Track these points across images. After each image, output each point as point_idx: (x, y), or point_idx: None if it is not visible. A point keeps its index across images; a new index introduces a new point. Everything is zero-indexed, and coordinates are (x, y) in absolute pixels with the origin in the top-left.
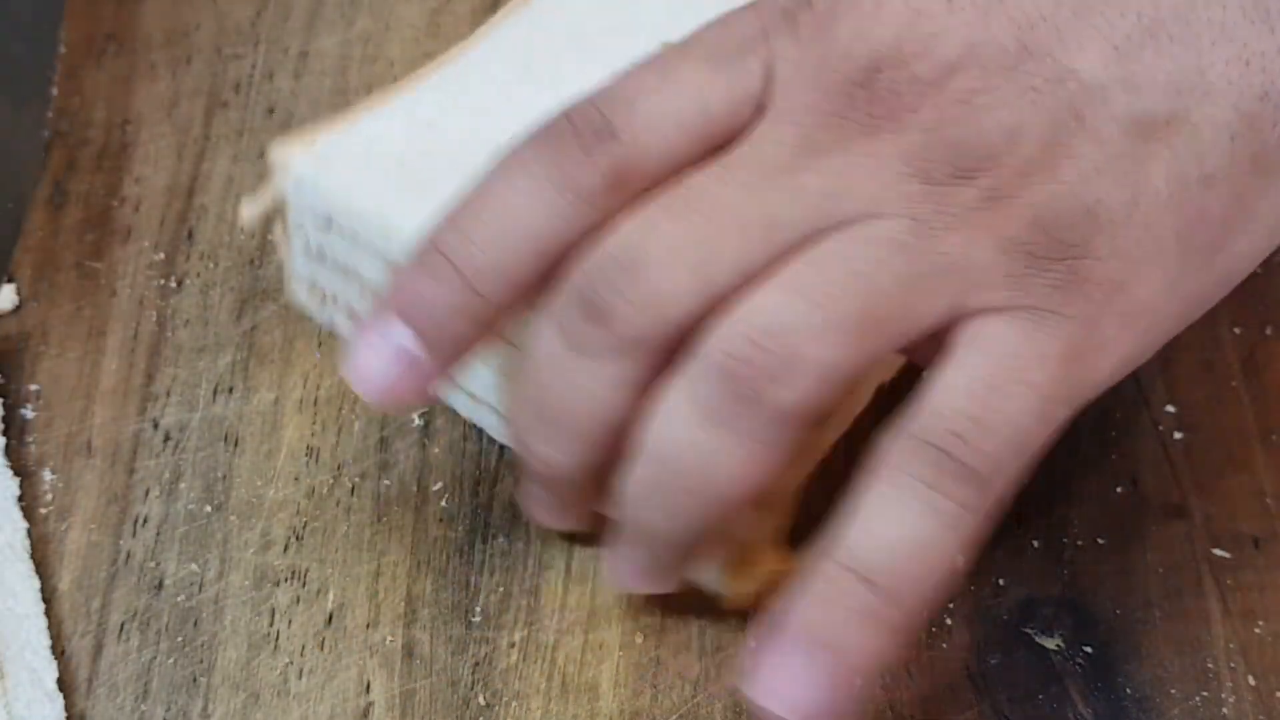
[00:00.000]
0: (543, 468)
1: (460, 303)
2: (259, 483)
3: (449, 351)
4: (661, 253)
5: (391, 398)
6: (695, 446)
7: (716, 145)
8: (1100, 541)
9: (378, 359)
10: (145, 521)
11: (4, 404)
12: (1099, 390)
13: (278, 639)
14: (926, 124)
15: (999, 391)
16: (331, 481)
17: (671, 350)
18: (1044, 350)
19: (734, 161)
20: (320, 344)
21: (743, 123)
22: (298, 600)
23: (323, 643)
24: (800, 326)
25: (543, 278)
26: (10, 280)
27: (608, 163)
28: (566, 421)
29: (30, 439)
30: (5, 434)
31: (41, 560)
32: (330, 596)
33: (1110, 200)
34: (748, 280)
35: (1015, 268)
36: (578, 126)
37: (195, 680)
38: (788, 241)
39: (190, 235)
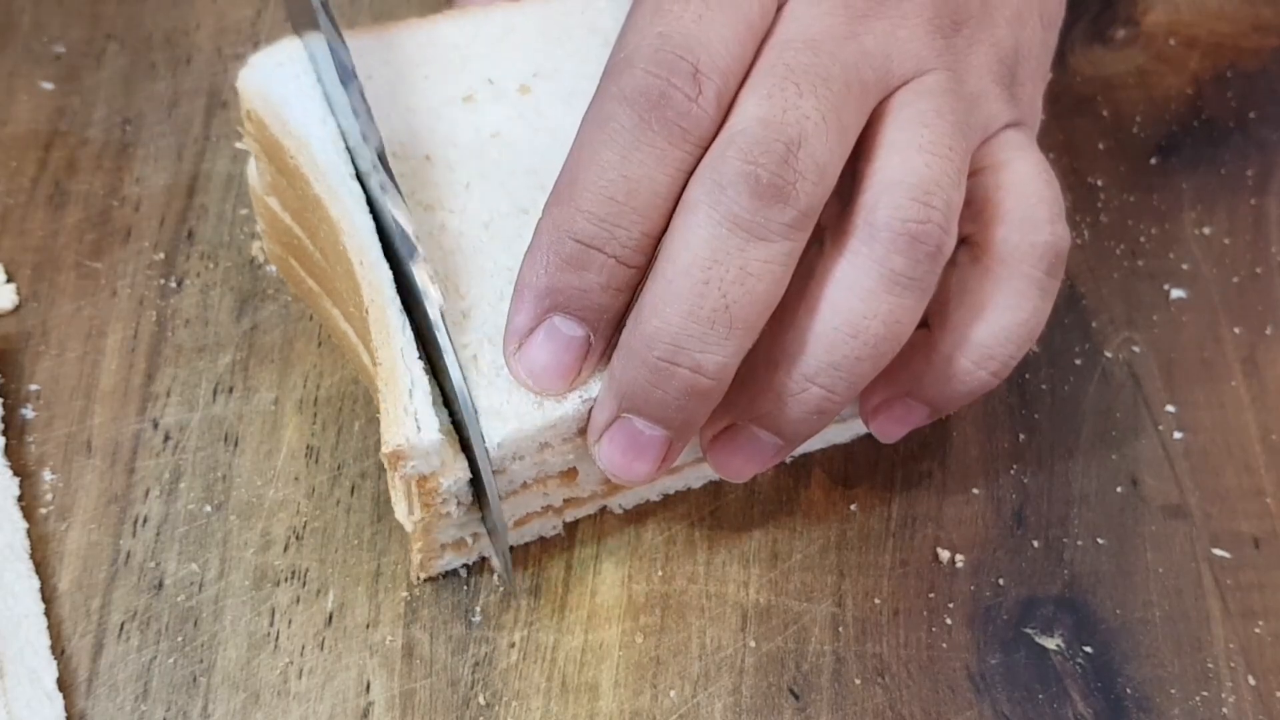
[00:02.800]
0: (689, 378)
1: (618, 281)
2: (259, 483)
3: (614, 325)
4: (811, 126)
5: (569, 386)
6: (881, 314)
7: (762, 38)
8: (1100, 541)
9: (553, 357)
10: (145, 521)
11: (4, 404)
12: None
13: (278, 639)
14: None
15: (1051, 180)
16: (331, 481)
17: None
18: (1035, 146)
19: (808, 40)
20: (320, 343)
21: (773, 10)
22: (298, 600)
23: (323, 643)
24: (945, 181)
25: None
26: (10, 280)
27: (711, 98)
28: (738, 312)
29: (30, 439)
30: (5, 434)
31: (41, 560)
32: (330, 596)
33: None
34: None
35: (1003, 87)
36: (667, 76)
37: (195, 680)
38: (877, 99)
39: (190, 235)
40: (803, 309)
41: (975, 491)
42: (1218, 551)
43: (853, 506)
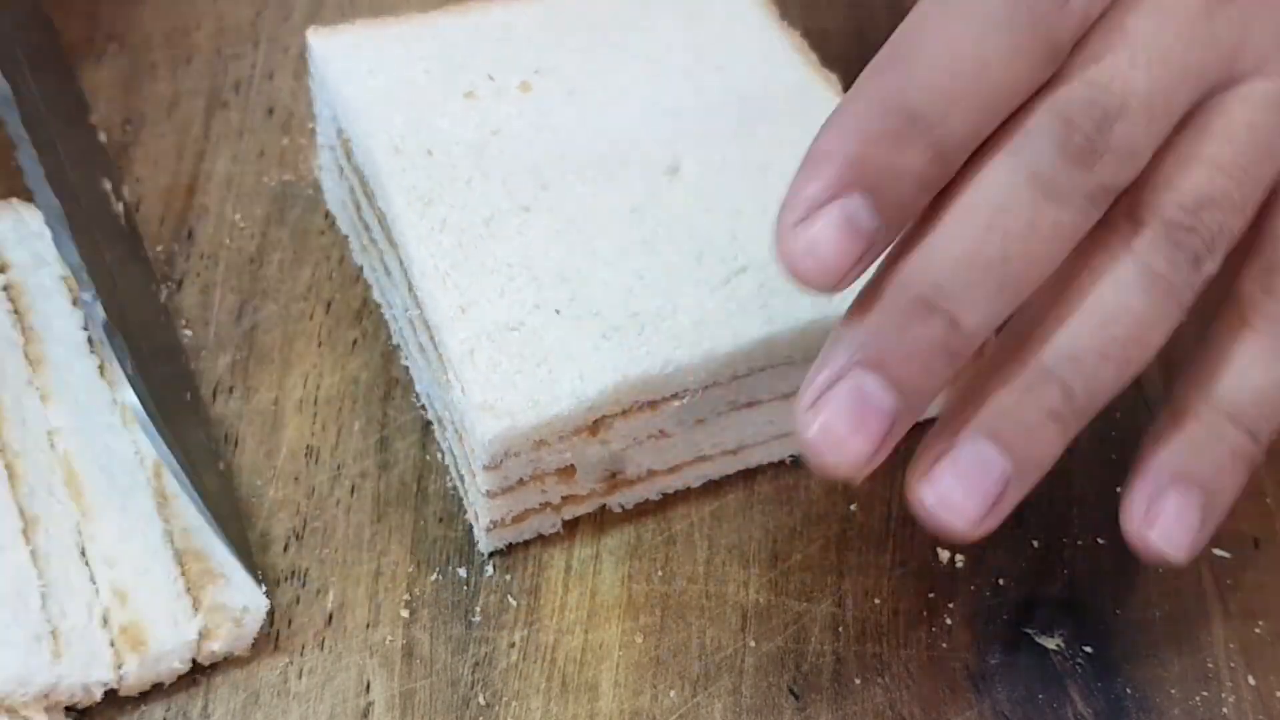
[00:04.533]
0: (942, 331)
1: (931, 176)
2: (259, 483)
3: (901, 226)
4: (1135, 103)
5: (839, 278)
6: (1133, 312)
7: None
8: (1100, 541)
9: (841, 239)
10: None
11: None
12: None
13: (278, 639)
14: None
15: None
16: (331, 481)
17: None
18: None
19: (1158, 5)
20: (320, 343)
21: None
22: (298, 600)
23: (323, 643)
24: (1225, 203)
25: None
26: None
27: (1080, 8)
28: (1012, 271)
29: None
30: None
31: None
32: (330, 596)
33: None
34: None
35: None
36: None
37: (195, 680)
38: (1208, 92)
39: (190, 235)
40: (1049, 296)
41: None
42: (1218, 551)
43: (853, 506)
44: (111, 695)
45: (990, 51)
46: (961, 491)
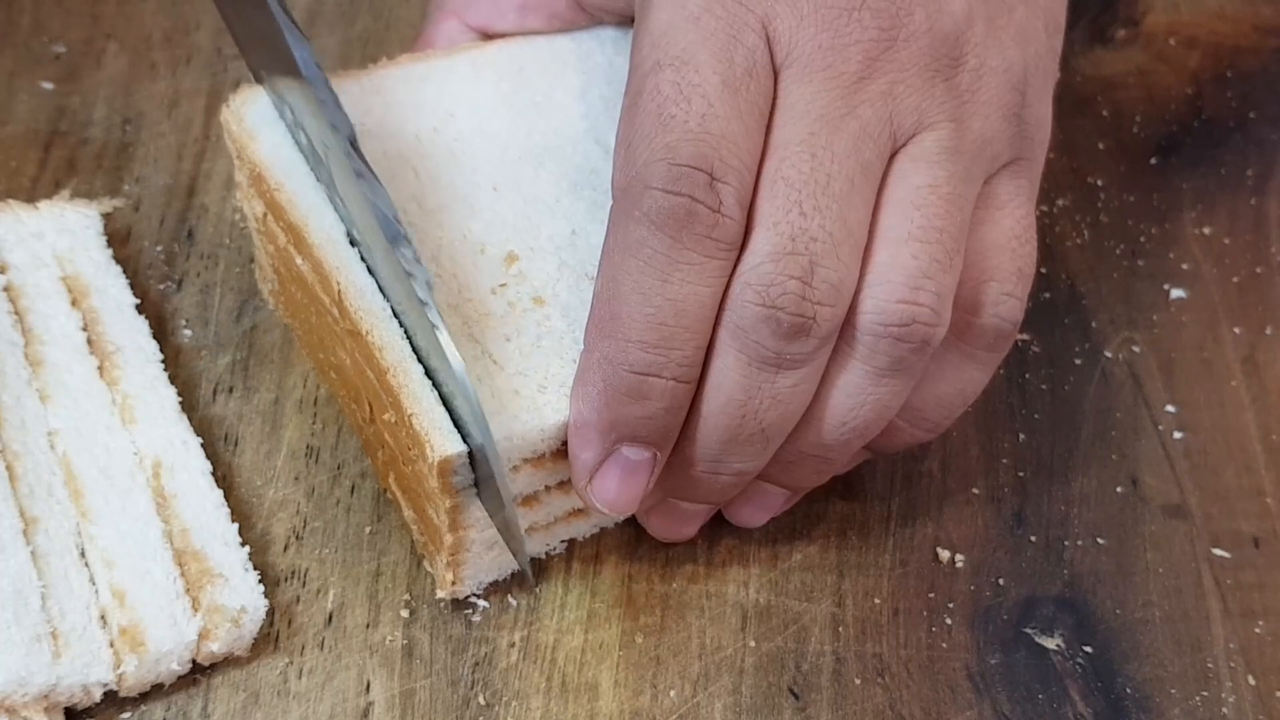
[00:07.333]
0: (731, 480)
1: (679, 400)
2: (259, 483)
3: (671, 440)
4: (820, 249)
5: (638, 502)
6: (869, 403)
7: (769, 112)
8: (1100, 541)
9: (626, 485)
10: None
11: None
12: None
13: (278, 639)
14: (919, 28)
15: (1027, 242)
16: (331, 481)
17: None
18: (1023, 196)
19: (804, 138)
20: None
21: (771, 85)
22: (298, 600)
23: (323, 643)
24: (934, 269)
25: None
26: None
27: (733, 204)
28: (774, 432)
29: None
30: None
31: None
32: (330, 596)
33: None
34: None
35: (1011, 119)
36: (688, 193)
37: (195, 680)
38: (883, 167)
39: (190, 235)
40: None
41: (975, 491)
42: (1218, 551)
43: (853, 506)
44: (111, 695)
45: (677, 290)
46: (752, 510)
